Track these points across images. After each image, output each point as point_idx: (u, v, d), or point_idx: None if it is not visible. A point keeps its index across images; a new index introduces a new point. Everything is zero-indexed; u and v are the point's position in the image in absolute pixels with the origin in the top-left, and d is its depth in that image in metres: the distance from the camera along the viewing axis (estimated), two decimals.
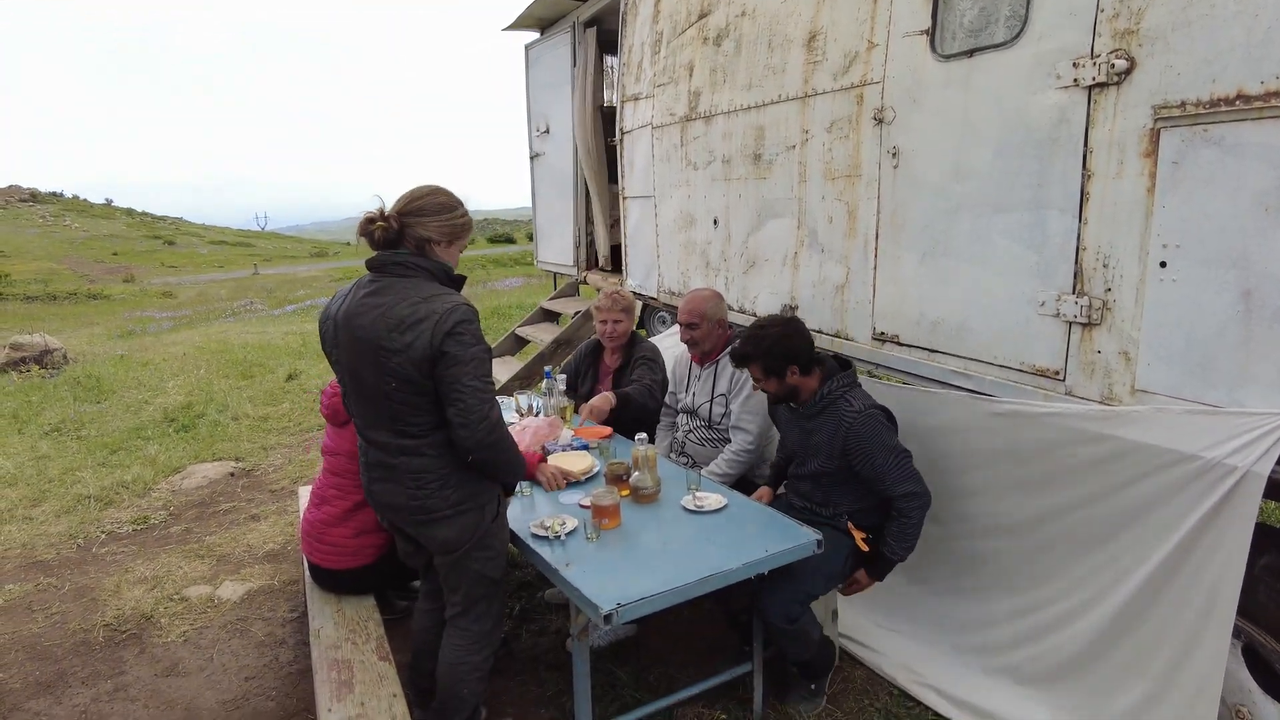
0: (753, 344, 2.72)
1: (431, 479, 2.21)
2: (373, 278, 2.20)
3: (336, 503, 3.00)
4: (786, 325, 2.74)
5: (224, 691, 3.03)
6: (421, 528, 2.30)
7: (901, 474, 2.60)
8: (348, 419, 2.97)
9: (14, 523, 4.70)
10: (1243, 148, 1.94)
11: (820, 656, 2.76)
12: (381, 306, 2.12)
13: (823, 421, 2.71)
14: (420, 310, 2.09)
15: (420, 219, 2.18)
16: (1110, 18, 2.20)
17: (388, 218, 2.16)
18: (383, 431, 2.23)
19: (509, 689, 2.95)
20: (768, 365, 2.71)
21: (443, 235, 2.22)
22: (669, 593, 2.15)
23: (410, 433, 2.19)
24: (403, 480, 2.23)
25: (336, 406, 3.00)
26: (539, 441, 3.25)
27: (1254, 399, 1.98)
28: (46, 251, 36.37)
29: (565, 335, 6.16)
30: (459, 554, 2.32)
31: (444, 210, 2.21)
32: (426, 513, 2.24)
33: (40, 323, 16.82)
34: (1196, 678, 2.12)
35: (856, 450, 2.62)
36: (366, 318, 2.14)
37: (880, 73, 3.04)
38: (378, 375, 2.14)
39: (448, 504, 2.23)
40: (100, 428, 6.67)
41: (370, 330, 2.12)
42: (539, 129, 7.21)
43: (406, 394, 2.13)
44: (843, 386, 2.71)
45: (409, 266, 2.17)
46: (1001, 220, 2.60)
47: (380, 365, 2.12)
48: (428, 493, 2.22)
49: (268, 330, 12.43)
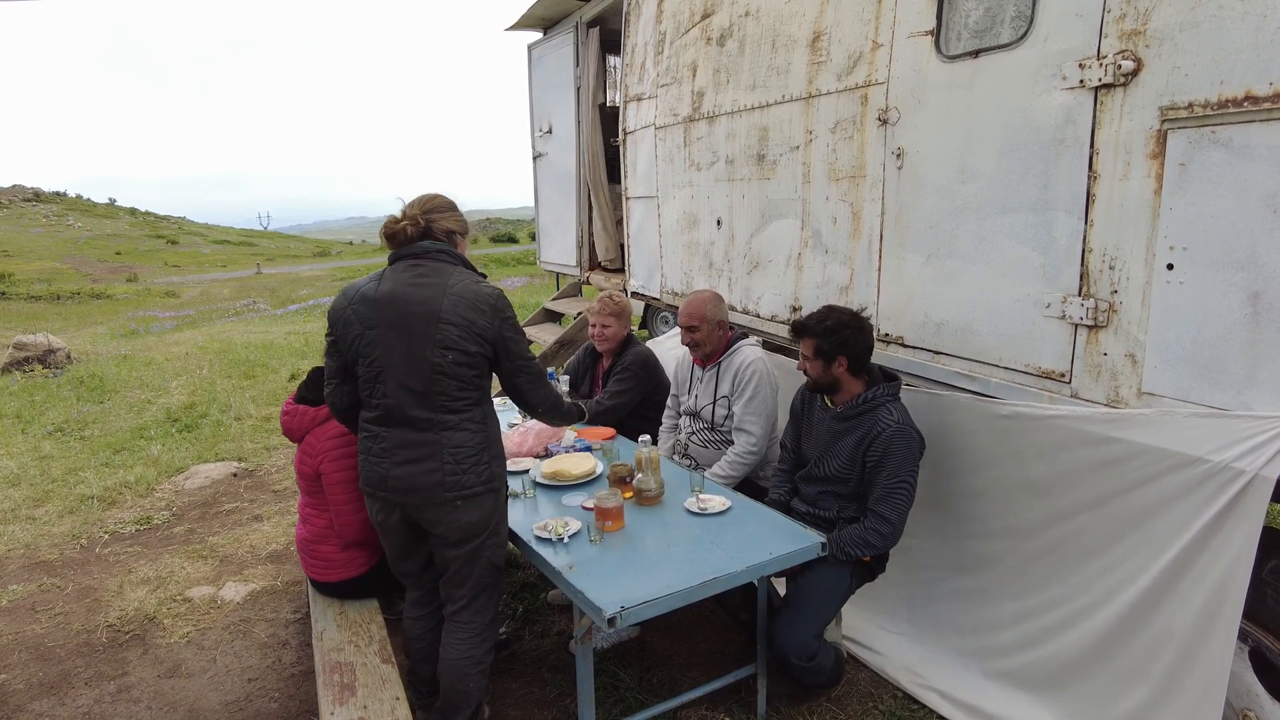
0: (817, 320, 2.74)
1: (468, 453, 2.32)
2: (413, 264, 2.35)
3: (315, 520, 2.97)
4: (856, 318, 2.74)
5: (227, 693, 3.03)
6: (445, 510, 2.32)
7: (896, 501, 2.61)
8: (300, 436, 2.95)
9: (17, 523, 4.70)
10: (1251, 149, 1.93)
11: (831, 674, 2.76)
12: (437, 286, 2.29)
13: (856, 424, 2.71)
14: (480, 289, 2.32)
15: (441, 214, 2.41)
16: (1117, 19, 2.19)
17: (413, 216, 2.37)
18: (422, 408, 2.30)
19: (512, 691, 2.94)
20: (821, 346, 2.70)
21: (460, 227, 2.47)
22: (673, 595, 2.14)
23: (454, 408, 2.31)
24: (441, 456, 2.30)
25: (289, 425, 2.95)
26: (542, 443, 3.25)
27: (1261, 402, 1.97)
28: (50, 251, 36.44)
29: (568, 335, 6.15)
30: (479, 539, 2.37)
31: (453, 207, 2.47)
32: (459, 489, 2.30)
33: (44, 322, 16.86)
34: (1201, 682, 2.11)
35: (878, 455, 2.62)
36: (420, 294, 2.28)
37: (885, 73, 3.03)
38: (432, 350, 2.25)
39: (480, 480, 2.34)
40: (103, 428, 6.68)
41: (426, 305, 2.26)
42: (541, 129, 7.21)
43: (458, 368, 2.27)
44: (886, 396, 2.70)
45: (450, 255, 2.39)
46: (1007, 222, 2.59)
47: (436, 339, 2.25)
48: (464, 469, 2.31)
49: (270, 330, 12.44)
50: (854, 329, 2.70)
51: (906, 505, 2.63)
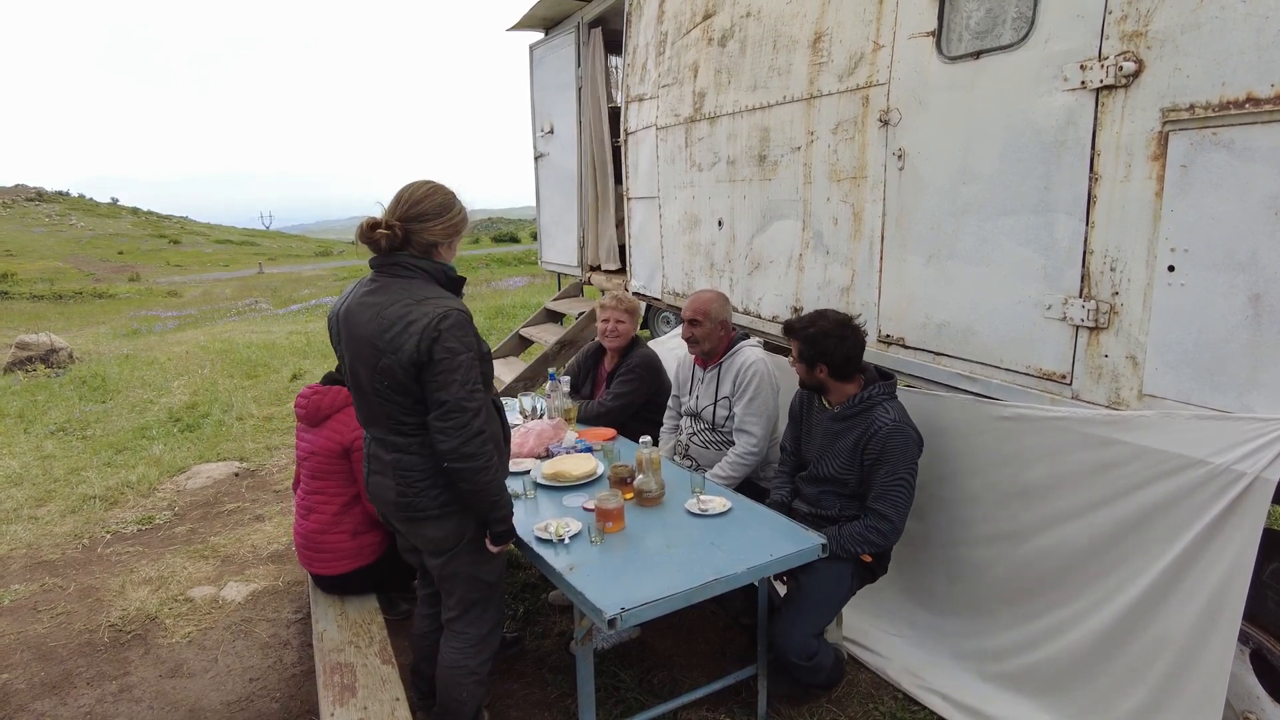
0: (804, 324, 2.76)
1: (419, 477, 2.23)
2: (373, 276, 2.22)
3: (324, 508, 2.98)
4: (840, 326, 2.72)
5: (228, 693, 3.03)
6: (410, 525, 2.31)
7: (894, 498, 2.61)
8: (325, 417, 2.98)
9: (20, 522, 4.71)
10: (1252, 151, 1.92)
11: (831, 674, 2.76)
12: (376, 306, 2.14)
13: (853, 424, 2.71)
14: (412, 312, 2.09)
15: (424, 224, 2.17)
16: (1118, 20, 2.19)
17: (391, 225, 2.14)
18: (378, 428, 2.27)
19: (513, 692, 2.94)
20: (803, 351, 2.76)
21: (445, 236, 2.22)
22: (674, 597, 2.14)
23: (401, 431, 2.22)
24: (393, 477, 2.26)
25: (318, 404, 3.00)
26: (543, 444, 3.25)
27: (1263, 404, 1.97)
28: (52, 250, 36.51)
29: (569, 336, 6.15)
30: (449, 555, 2.32)
31: (445, 211, 2.21)
32: (414, 510, 2.26)
33: (46, 322, 16.89)
34: (1202, 684, 2.11)
35: (876, 453, 2.62)
36: (362, 316, 2.17)
37: (886, 74, 3.02)
38: (371, 374, 2.17)
39: (435, 504, 2.24)
40: (105, 427, 6.69)
41: (365, 329, 2.15)
42: (543, 129, 7.21)
43: (396, 394, 2.16)
44: (881, 395, 2.71)
45: (409, 267, 2.17)
46: (1008, 223, 2.58)
47: (373, 365, 2.15)
48: (415, 491, 2.24)
49: (272, 330, 12.45)
50: (836, 338, 2.70)
51: (906, 502, 2.63)
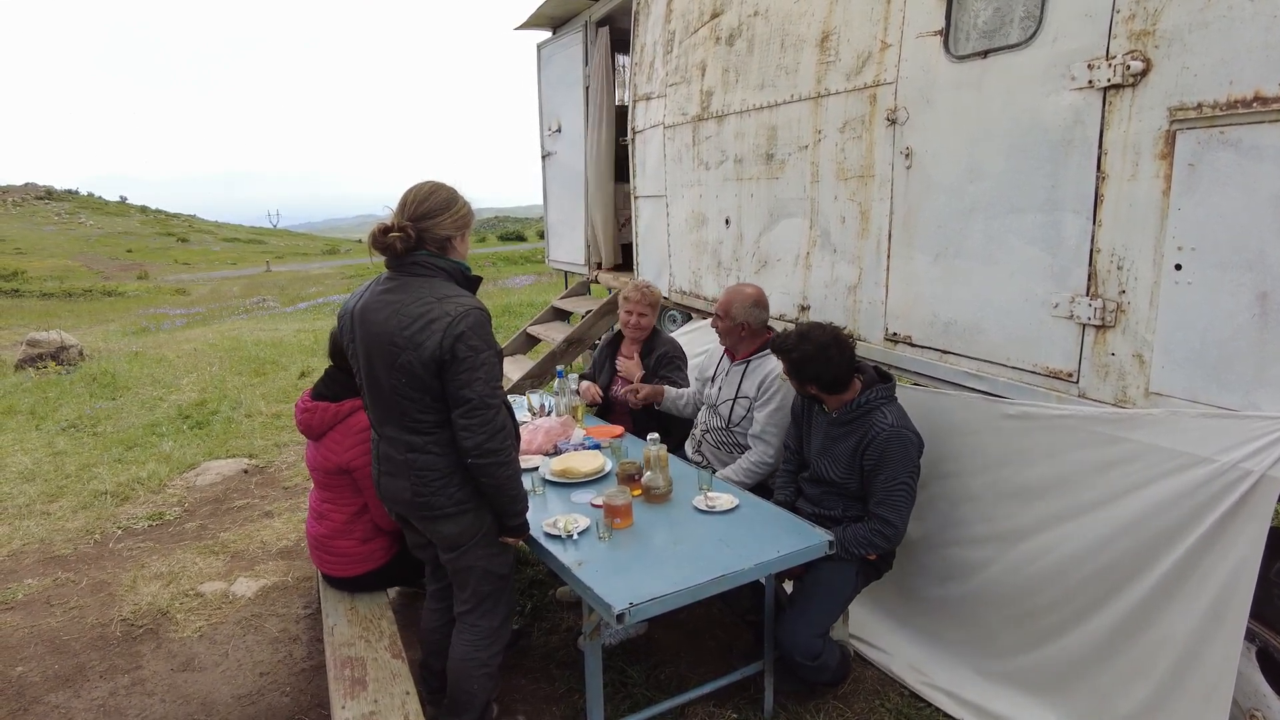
0: (790, 345, 2.73)
1: (436, 476, 2.25)
2: (390, 275, 2.24)
3: (334, 515, 2.98)
4: (823, 350, 2.65)
5: (239, 687, 3.06)
6: (427, 523, 2.34)
7: (895, 502, 2.62)
8: (321, 433, 2.94)
9: (32, 518, 4.75)
10: (1260, 150, 1.93)
11: (837, 671, 2.77)
12: (396, 304, 2.16)
13: (853, 429, 2.71)
14: (434, 310, 2.12)
15: (434, 220, 2.19)
16: (1126, 19, 2.19)
17: (403, 227, 2.16)
18: (392, 427, 2.27)
19: (521, 686, 2.96)
20: (791, 370, 2.78)
21: (457, 229, 2.24)
22: (681, 592, 2.16)
23: (418, 429, 2.23)
24: (409, 476, 2.26)
25: (309, 423, 2.93)
26: (551, 440, 3.27)
27: (1269, 402, 1.97)
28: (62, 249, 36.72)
29: (577, 334, 6.16)
30: (464, 549, 2.35)
31: (450, 205, 2.23)
32: (431, 509, 2.27)
33: (56, 319, 17.01)
34: (1207, 681, 2.11)
35: (875, 459, 2.62)
36: (381, 314, 2.18)
37: (893, 73, 3.03)
38: (389, 371, 2.18)
39: (451, 501, 2.27)
40: (116, 424, 6.74)
41: (383, 326, 2.16)
42: (550, 128, 7.22)
43: (414, 391, 2.17)
44: (880, 398, 2.70)
45: (427, 266, 2.20)
46: (1015, 221, 2.59)
47: (391, 362, 2.16)
48: (433, 490, 2.25)
49: (280, 327, 12.51)
50: (821, 362, 2.65)
51: (907, 506, 2.64)
